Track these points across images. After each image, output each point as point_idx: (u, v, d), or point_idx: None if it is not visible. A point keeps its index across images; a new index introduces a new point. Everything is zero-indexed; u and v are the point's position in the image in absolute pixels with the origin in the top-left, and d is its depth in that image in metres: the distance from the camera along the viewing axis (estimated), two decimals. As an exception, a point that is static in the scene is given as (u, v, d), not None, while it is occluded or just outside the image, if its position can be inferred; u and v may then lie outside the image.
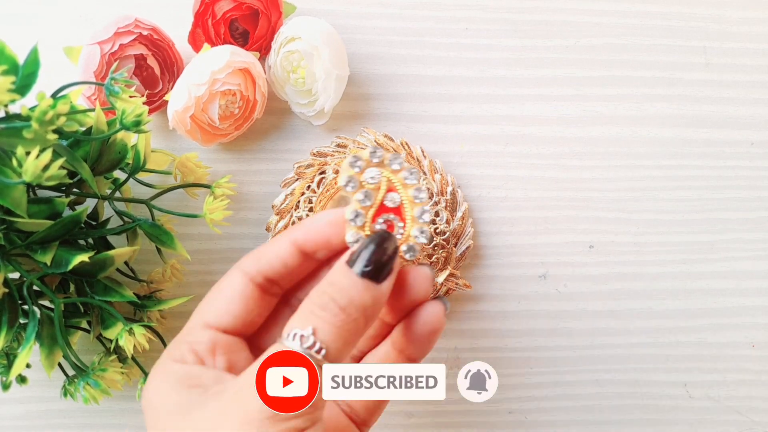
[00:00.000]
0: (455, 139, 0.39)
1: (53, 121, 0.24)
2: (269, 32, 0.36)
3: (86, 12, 0.38)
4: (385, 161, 0.24)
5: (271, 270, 0.25)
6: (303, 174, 0.37)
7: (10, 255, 0.29)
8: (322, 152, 0.37)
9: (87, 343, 0.37)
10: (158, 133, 0.38)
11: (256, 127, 0.38)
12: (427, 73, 0.39)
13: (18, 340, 0.31)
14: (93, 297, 0.31)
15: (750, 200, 0.39)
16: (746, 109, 0.40)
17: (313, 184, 0.36)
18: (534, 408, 0.38)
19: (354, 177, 0.24)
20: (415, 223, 0.24)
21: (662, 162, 0.39)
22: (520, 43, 0.39)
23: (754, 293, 0.39)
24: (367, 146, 0.37)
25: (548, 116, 0.39)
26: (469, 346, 0.38)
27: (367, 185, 0.24)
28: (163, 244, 0.33)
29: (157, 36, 0.34)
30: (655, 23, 0.40)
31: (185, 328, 0.25)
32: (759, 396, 0.38)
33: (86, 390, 0.30)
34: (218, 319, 0.24)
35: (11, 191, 0.25)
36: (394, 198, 0.24)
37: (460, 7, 0.39)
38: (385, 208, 0.24)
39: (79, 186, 0.32)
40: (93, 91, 0.34)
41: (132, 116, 0.28)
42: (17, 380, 0.32)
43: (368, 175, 0.24)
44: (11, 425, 0.37)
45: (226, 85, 0.33)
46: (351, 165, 0.24)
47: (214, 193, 0.34)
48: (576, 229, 0.38)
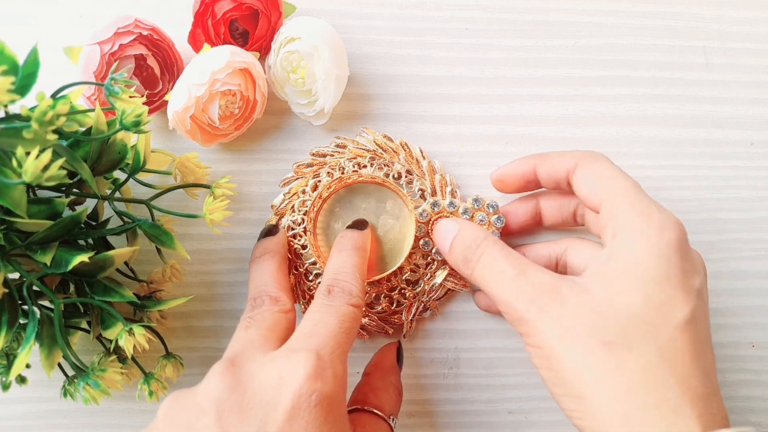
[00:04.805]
0: (455, 139, 0.39)
1: (53, 121, 0.24)
2: (269, 32, 0.36)
3: (86, 12, 0.38)
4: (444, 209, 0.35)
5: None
6: (302, 174, 0.37)
7: (10, 255, 0.29)
8: (321, 152, 0.37)
9: (87, 343, 0.37)
10: (158, 133, 0.38)
11: (256, 127, 0.38)
12: (427, 73, 0.39)
13: (18, 341, 0.31)
14: (93, 297, 0.31)
15: (750, 200, 0.39)
16: (746, 109, 0.40)
17: (308, 188, 0.36)
18: (534, 408, 0.38)
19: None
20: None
21: (662, 162, 0.39)
22: (520, 43, 0.39)
23: (754, 293, 0.39)
24: (366, 146, 0.37)
25: (548, 116, 0.39)
26: (469, 346, 0.38)
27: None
28: (163, 244, 0.33)
29: (157, 36, 0.34)
30: (655, 23, 0.40)
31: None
32: (759, 396, 0.38)
33: (86, 390, 0.30)
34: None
35: (11, 191, 0.25)
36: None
37: (460, 7, 0.39)
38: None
39: (79, 186, 0.32)
40: (93, 91, 0.34)
41: (132, 116, 0.28)
42: (17, 380, 0.32)
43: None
44: (11, 425, 0.37)
45: (226, 85, 0.33)
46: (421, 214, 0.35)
47: (214, 194, 0.34)
48: (576, 229, 0.38)
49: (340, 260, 0.32)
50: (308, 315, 0.29)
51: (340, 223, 0.36)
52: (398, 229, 0.36)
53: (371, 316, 0.37)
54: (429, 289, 0.37)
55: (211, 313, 0.38)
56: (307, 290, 0.37)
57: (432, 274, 0.37)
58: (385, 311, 0.37)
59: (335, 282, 0.30)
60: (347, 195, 0.36)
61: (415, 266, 0.37)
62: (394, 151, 0.37)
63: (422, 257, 0.37)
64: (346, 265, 0.32)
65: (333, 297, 0.30)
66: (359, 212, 0.36)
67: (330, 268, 0.32)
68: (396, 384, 0.33)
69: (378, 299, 0.37)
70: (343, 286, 0.30)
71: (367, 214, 0.36)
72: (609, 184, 0.30)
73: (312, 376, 0.25)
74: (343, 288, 0.30)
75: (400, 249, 0.36)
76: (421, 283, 0.37)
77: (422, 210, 0.36)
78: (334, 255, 0.33)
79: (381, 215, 0.36)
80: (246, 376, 0.26)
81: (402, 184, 0.37)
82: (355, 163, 0.37)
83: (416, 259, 0.36)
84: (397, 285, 0.36)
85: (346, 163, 0.37)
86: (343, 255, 0.32)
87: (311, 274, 0.36)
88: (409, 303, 0.37)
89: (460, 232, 0.33)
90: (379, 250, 0.36)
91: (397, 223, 0.36)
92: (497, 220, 0.36)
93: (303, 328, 0.28)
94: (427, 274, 0.37)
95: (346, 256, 0.32)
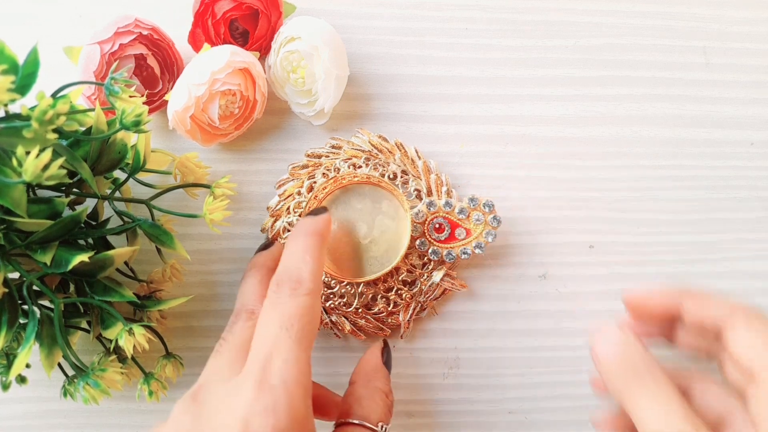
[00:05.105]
0: (455, 139, 0.39)
1: (53, 120, 0.24)
2: (269, 32, 0.36)
3: (86, 12, 0.38)
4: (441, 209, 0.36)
5: None
6: (297, 175, 0.37)
7: (10, 255, 0.29)
8: (316, 153, 0.37)
9: (87, 343, 0.37)
10: (158, 133, 0.38)
11: (256, 127, 0.38)
12: (427, 73, 0.39)
13: (18, 340, 0.31)
14: (93, 297, 0.31)
15: (750, 200, 0.39)
16: (746, 109, 0.40)
17: (303, 189, 0.36)
18: (534, 408, 0.38)
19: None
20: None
21: (662, 162, 0.39)
22: (520, 43, 0.39)
23: (754, 293, 0.39)
24: (361, 147, 0.37)
25: (548, 116, 0.39)
26: (469, 346, 0.38)
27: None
28: (163, 244, 0.33)
29: (157, 36, 0.34)
30: (655, 23, 0.40)
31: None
32: (759, 396, 0.38)
33: (86, 390, 0.30)
34: None
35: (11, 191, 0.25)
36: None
37: (460, 7, 0.39)
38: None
39: (79, 186, 0.32)
40: (93, 90, 0.34)
41: (132, 116, 0.28)
42: (17, 380, 0.32)
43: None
44: (11, 425, 0.37)
45: (226, 85, 0.33)
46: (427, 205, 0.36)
47: (214, 193, 0.34)
48: (576, 229, 0.38)
49: (290, 248, 0.30)
50: (259, 320, 0.27)
51: (336, 224, 0.36)
52: (394, 230, 0.36)
53: (368, 317, 0.37)
54: (426, 289, 0.37)
55: (211, 313, 0.38)
56: None
57: (429, 274, 0.37)
58: (382, 312, 0.37)
59: (284, 271, 0.28)
60: (342, 196, 0.36)
61: (412, 267, 0.37)
62: (390, 152, 0.37)
63: (418, 257, 0.37)
64: (295, 251, 0.29)
65: (280, 291, 0.27)
66: (355, 213, 0.36)
67: (281, 259, 0.30)
68: (383, 388, 0.32)
69: (375, 300, 0.37)
70: (291, 274, 0.28)
71: (362, 215, 0.36)
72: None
73: (261, 413, 0.24)
74: (291, 276, 0.28)
75: (396, 249, 0.36)
76: (417, 283, 0.37)
77: (418, 210, 0.36)
78: (286, 246, 0.30)
79: (377, 216, 0.36)
80: (205, 411, 0.25)
81: (398, 185, 0.37)
82: (351, 163, 0.37)
83: (413, 259, 0.36)
84: (394, 286, 0.36)
85: (341, 163, 0.37)
86: (292, 242, 0.30)
87: None
88: (406, 303, 0.37)
89: (625, 347, 0.28)
90: (375, 250, 0.36)
91: (393, 224, 0.36)
92: (493, 220, 0.36)
93: (254, 341, 0.27)
94: (424, 274, 0.37)
95: (295, 243, 0.30)
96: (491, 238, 0.36)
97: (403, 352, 0.38)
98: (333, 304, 0.36)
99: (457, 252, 0.36)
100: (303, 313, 0.27)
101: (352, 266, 0.36)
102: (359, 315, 0.37)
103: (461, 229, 0.36)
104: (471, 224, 0.36)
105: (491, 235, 0.36)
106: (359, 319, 0.37)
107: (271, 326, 0.26)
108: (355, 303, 0.36)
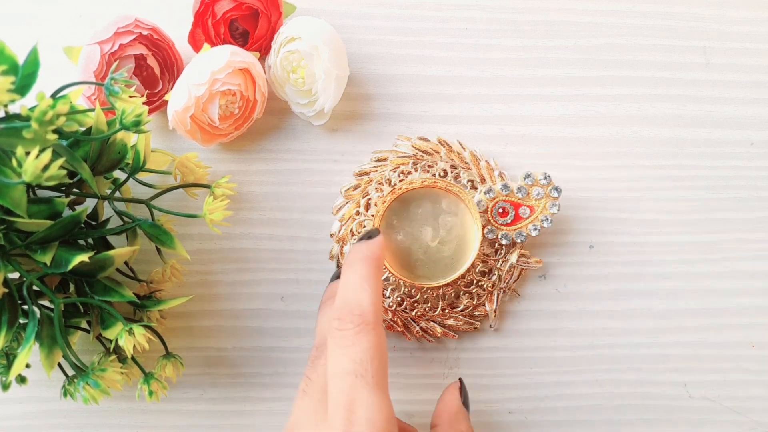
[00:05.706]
0: (455, 139, 0.39)
1: (53, 121, 0.24)
2: (269, 32, 0.36)
3: (86, 12, 0.38)
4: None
5: None
6: (351, 196, 0.37)
7: (10, 255, 0.29)
8: (364, 171, 0.37)
9: (87, 343, 0.37)
10: (158, 133, 0.38)
11: (256, 127, 0.38)
12: (427, 73, 0.39)
13: (18, 340, 0.31)
14: (93, 297, 0.31)
15: (750, 200, 0.39)
16: (746, 109, 0.40)
17: (361, 208, 0.36)
18: (534, 408, 0.38)
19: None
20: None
21: (662, 162, 0.39)
22: (520, 43, 0.39)
23: (754, 293, 0.39)
24: (405, 153, 0.37)
25: (548, 116, 0.39)
26: (469, 346, 0.38)
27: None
28: (163, 244, 0.33)
29: (157, 36, 0.34)
30: (655, 23, 0.40)
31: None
32: (759, 396, 0.38)
33: (86, 390, 0.30)
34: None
35: (11, 191, 0.25)
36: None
37: (460, 7, 0.39)
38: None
39: (79, 186, 0.32)
40: (93, 91, 0.34)
41: (132, 116, 0.28)
42: (17, 380, 0.32)
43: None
44: (11, 425, 0.37)
45: (226, 85, 0.33)
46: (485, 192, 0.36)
47: (214, 193, 0.34)
48: (576, 229, 0.38)
49: (346, 276, 0.29)
50: (329, 362, 0.26)
51: (402, 234, 0.35)
52: (460, 225, 0.36)
53: (456, 315, 0.37)
54: (504, 274, 0.37)
55: (211, 313, 0.38)
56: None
57: (503, 259, 0.37)
58: (468, 307, 0.37)
59: (344, 304, 0.27)
60: (400, 206, 0.36)
61: (486, 256, 0.37)
62: (434, 151, 0.37)
63: (489, 245, 0.37)
64: (353, 279, 0.28)
65: (344, 328, 0.26)
66: (417, 218, 0.35)
67: (339, 290, 0.28)
68: (466, 431, 0.31)
69: (458, 297, 0.37)
70: (352, 307, 0.27)
71: (425, 219, 0.35)
72: None
73: None
74: (352, 309, 0.27)
75: (466, 243, 0.36)
76: (494, 271, 0.37)
77: (479, 200, 0.36)
78: (342, 274, 0.29)
79: (440, 215, 0.36)
80: None
81: (450, 180, 0.36)
82: (400, 171, 0.37)
83: (484, 248, 0.36)
84: (473, 279, 0.36)
85: (390, 174, 0.37)
86: (348, 271, 0.29)
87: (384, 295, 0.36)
88: (489, 293, 0.37)
89: None
90: (446, 250, 0.36)
91: (457, 219, 0.36)
92: (553, 190, 0.36)
93: (330, 387, 0.26)
94: (499, 260, 0.37)
95: (352, 271, 0.29)
96: (556, 209, 0.36)
97: (403, 352, 0.38)
98: (419, 312, 0.36)
99: (527, 231, 0.36)
100: (373, 354, 0.26)
101: (428, 271, 0.36)
102: (446, 316, 0.37)
103: (524, 207, 0.36)
104: (532, 200, 0.36)
105: (555, 206, 0.36)
106: (447, 319, 0.37)
107: (344, 375, 0.25)
108: (440, 305, 0.36)
